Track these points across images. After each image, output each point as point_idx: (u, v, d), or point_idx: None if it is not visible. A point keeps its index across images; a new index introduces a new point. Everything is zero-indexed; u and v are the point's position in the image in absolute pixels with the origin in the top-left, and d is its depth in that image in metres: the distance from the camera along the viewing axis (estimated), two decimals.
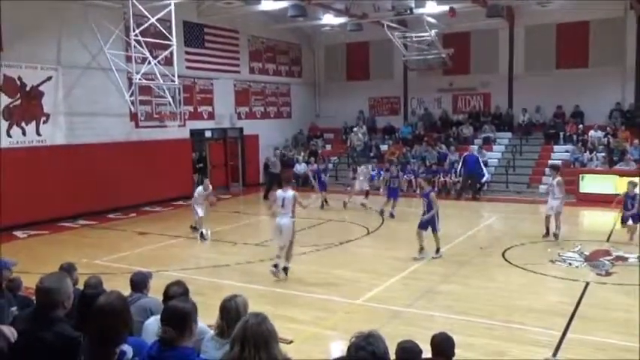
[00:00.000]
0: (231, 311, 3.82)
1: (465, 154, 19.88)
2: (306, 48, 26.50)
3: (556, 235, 12.04)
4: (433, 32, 20.56)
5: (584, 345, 6.75)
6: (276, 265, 9.60)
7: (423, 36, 20.88)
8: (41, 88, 15.68)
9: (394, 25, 21.04)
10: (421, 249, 10.93)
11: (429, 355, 4.09)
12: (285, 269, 9.65)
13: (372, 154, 22.79)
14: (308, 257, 11.26)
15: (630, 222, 11.87)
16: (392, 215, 15.42)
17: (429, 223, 10.95)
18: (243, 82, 23.10)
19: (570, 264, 10.49)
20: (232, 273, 10.52)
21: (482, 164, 19.55)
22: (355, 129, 24.50)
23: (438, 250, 11.09)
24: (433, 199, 10.98)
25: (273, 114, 24.88)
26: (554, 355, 6.31)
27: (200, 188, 13.80)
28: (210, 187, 14.01)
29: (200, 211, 13.34)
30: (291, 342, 6.47)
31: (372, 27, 21.51)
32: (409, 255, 10.95)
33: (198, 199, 13.52)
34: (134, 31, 15.61)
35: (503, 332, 7.18)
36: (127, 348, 3.17)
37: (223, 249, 12.58)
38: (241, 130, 22.96)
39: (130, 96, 16.61)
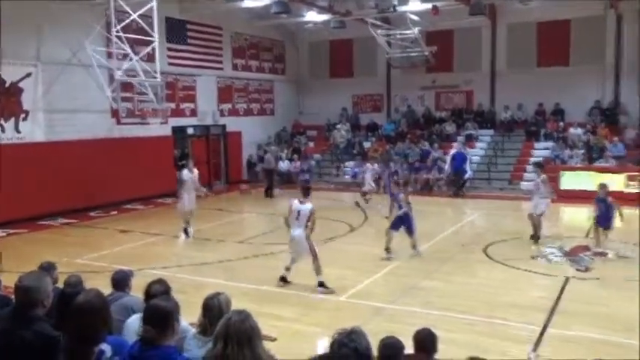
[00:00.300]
0: (213, 309, 3.80)
1: (454, 151, 19.90)
2: (289, 45, 26.43)
3: (538, 238, 11.82)
4: (416, 30, 20.60)
5: (566, 340, 6.83)
6: (282, 279, 9.11)
7: (406, 34, 20.91)
8: (20, 84, 15.44)
9: (377, 22, 21.06)
10: (387, 249, 10.85)
11: (412, 351, 4.11)
12: (321, 283, 8.92)
13: (355, 152, 22.83)
14: None
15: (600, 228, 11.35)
16: None
17: (401, 223, 10.90)
18: (226, 79, 22.97)
19: (551, 260, 10.60)
20: (215, 271, 10.46)
21: (468, 162, 19.64)
22: (338, 126, 24.57)
23: (414, 247, 11.01)
24: (403, 200, 10.93)
25: (256, 111, 24.79)
26: (535, 349, 6.38)
27: (186, 171, 13.32)
28: (196, 170, 13.48)
29: (188, 206, 13.04)
30: (275, 339, 6.46)
31: (356, 24, 21.51)
32: (392, 252, 10.94)
33: (185, 185, 13.04)
34: (115, 27, 15.43)
35: (485, 328, 7.24)
36: (106, 347, 3.14)
37: (206, 247, 12.51)
38: (224, 127, 22.85)
39: (112, 92, 16.41)
